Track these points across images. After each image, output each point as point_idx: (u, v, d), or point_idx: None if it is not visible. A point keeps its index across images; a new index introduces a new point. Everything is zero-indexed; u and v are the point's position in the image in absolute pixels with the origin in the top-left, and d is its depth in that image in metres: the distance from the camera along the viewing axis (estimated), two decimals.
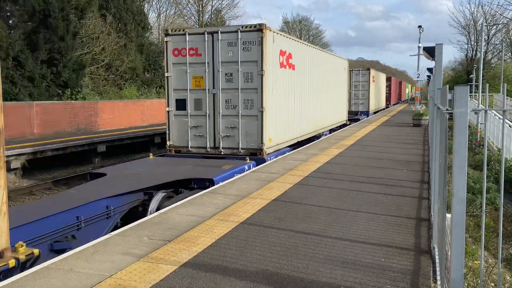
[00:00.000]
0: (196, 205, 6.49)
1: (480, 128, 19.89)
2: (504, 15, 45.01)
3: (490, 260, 7.17)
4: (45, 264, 4.34)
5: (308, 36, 67.57)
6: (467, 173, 3.09)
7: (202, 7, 44.00)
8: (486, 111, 2.87)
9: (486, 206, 9.67)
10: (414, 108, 27.71)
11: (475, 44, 52.38)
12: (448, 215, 3.43)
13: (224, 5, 46.94)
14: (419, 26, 29.60)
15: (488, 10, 52.37)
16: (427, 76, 20.38)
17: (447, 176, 3.80)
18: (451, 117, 2.93)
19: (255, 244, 4.83)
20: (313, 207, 6.35)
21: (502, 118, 3.01)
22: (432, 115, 8.38)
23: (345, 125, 22.48)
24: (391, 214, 6.01)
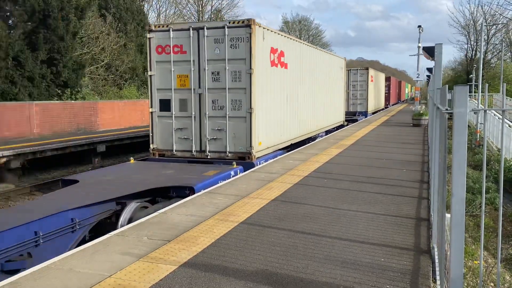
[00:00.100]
0: (196, 205, 6.49)
1: (479, 128, 19.90)
2: (504, 15, 45.08)
3: (490, 260, 7.18)
4: (45, 264, 4.34)
5: (308, 36, 67.57)
6: (467, 173, 3.10)
7: (201, 7, 44.01)
8: (485, 111, 2.88)
9: (486, 206, 9.68)
10: (414, 108, 27.70)
11: (475, 44, 52.37)
12: (448, 215, 3.43)
13: (224, 5, 47.09)
14: (419, 26, 29.60)
15: (487, 10, 52.48)
16: (427, 76, 20.38)
17: (447, 176, 3.80)
18: (450, 117, 2.93)
19: (255, 244, 4.83)
20: (313, 207, 6.36)
21: (502, 118, 3.01)
22: (431, 115, 8.39)
23: (342, 126, 21.81)
24: (391, 214, 6.02)
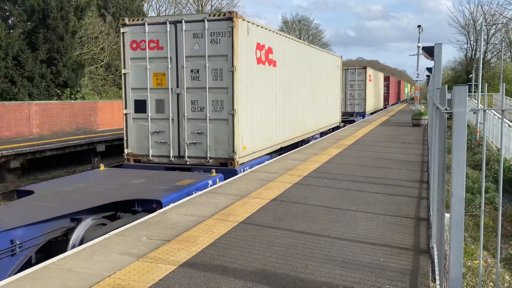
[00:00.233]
0: (196, 205, 6.49)
1: (479, 128, 19.91)
2: (504, 14, 45.07)
3: (490, 260, 7.18)
4: (44, 264, 4.34)
5: (307, 36, 67.54)
6: (466, 173, 3.11)
7: (201, 7, 44.00)
8: (484, 111, 2.87)
9: (485, 206, 9.68)
10: (414, 108, 27.70)
11: (475, 43, 52.40)
12: (447, 215, 3.43)
13: (224, 4, 46.88)
14: (419, 26, 29.63)
15: (487, 10, 52.38)
16: (427, 76, 20.37)
17: (446, 176, 3.80)
18: (450, 117, 2.93)
19: (254, 243, 4.83)
20: (313, 207, 6.35)
21: (501, 117, 3.01)
22: (431, 115, 8.39)
23: (339, 127, 20.98)
24: (390, 213, 6.02)
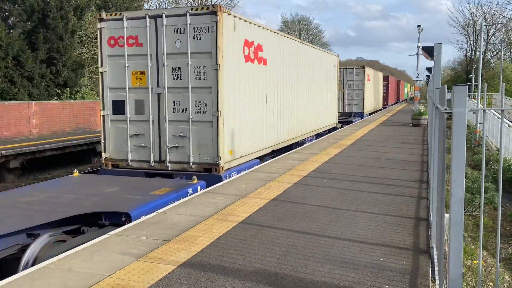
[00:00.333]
0: (195, 205, 6.49)
1: (479, 128, 19.92)
2: (504, 14, 45.10)
3: (489, 260, 7.18)
4: (44, 264, 4.34)
5: (307, 36, 67.51)
6: (466, 173, 3.11)
7: None
8: (484, 111, 2.87)
9: (485, 206, 9.68)
10: (414, 108, 27.68)
11: (474, 43, 52.43)
12: (447, 215, 3.43)
13: (224, 4, 46.90)
14: (418, 26, 29.62)
15: (487, 10, 52.42)
16: (426, 75, 20.36)
17: (446, 176, 3.80)
18: (449, 117, 2.93)
19: (254, 243, 4.83)
20: (312, 207, 6.36)
21: (501, 117, 3.01)
22: (431, 114, 8.39)
23: (336, 128, 20.29)
24: (390, 213, 6.02)
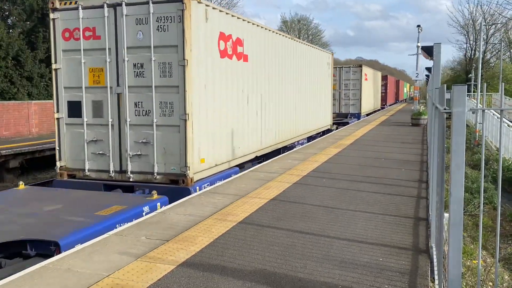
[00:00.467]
0: (195, 205, 6.49)
1: (478, 128, 19.93)
2: (503, 14, 45.06)
3: (489, 260, 7.18)
4: (43, 264, 4.33)
5: (307, 36, 67.44)
6: (465, 173, 3.11)
7: None
8: (483, 111, 2.87)
9: (484, 206, 9.67)
10: (414, 108, 27.67)
11: (474, 43, 52.38)
12: (446, 215, 3.43)
13: (223, 4, 46.89)
14: (418, 26, 29.65)
15: (487, 10, 52.12)
16: (426, 75, 20.37)
17: (445, 176, 3.80)
18: (449, 117, 2.93)
19: (253, 243, 4.83)
20: (312, 207, 6.35)
21: (500, 117, 3.01)
22: (430, 114, 8.39)
23: (330, 130, 19.47)
24: (389, 213, 6.02)
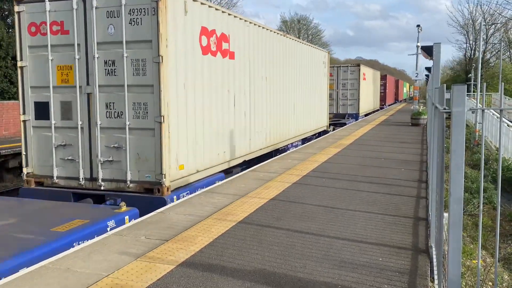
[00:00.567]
0: (194, 205, 6.49)
1: (478, 127, 19.93)
2: (503, 14, 45.04)
3: (488, 260, 7.18)
4: (42, 264, 4.33)
5: (307, 35, 67.44)
6: (465, 173, 3.11)
7: None
8: (483, 110, 2.87)
9: (484, 205, 9.68)
10: (413, 107, 27.66)
11: (474, 43, 52.38)
12: (446, 214, 3.43)
13: (223, 4, 46.86)
14: (418, 26, 29.62)
15: (486, 10, 52.15)
16: (426, 75, 20.36)
17: (445, 175, 3.80)
18: (448, 116, 2.92)
19: (253, 243, 4.83)
20: (311, 206, 6.35)
21: (499, 117, 3.01)
22: (430, 114, 8.39)
23: (326, 132, 19.05)
24: (389, 213, 6.02)
